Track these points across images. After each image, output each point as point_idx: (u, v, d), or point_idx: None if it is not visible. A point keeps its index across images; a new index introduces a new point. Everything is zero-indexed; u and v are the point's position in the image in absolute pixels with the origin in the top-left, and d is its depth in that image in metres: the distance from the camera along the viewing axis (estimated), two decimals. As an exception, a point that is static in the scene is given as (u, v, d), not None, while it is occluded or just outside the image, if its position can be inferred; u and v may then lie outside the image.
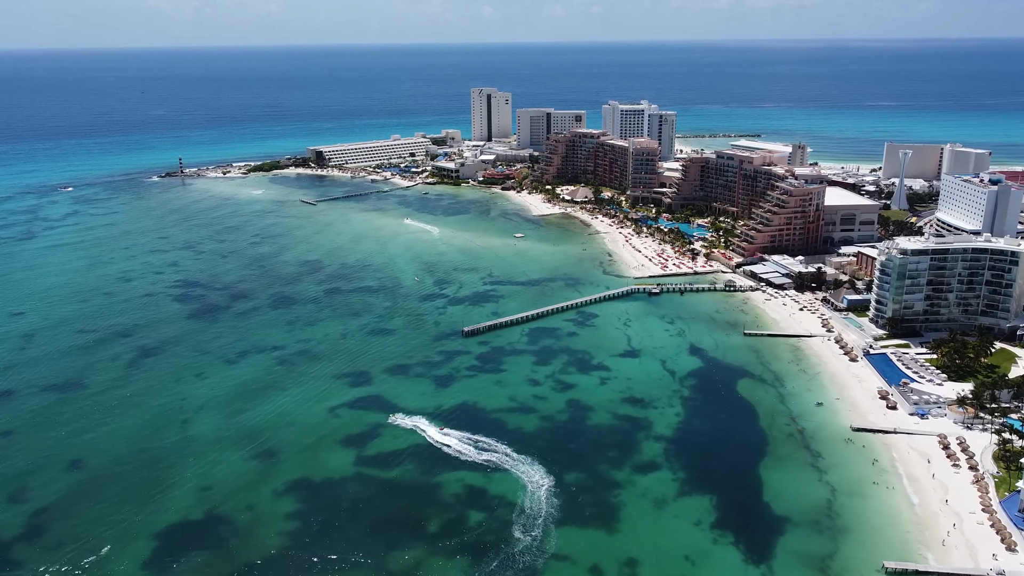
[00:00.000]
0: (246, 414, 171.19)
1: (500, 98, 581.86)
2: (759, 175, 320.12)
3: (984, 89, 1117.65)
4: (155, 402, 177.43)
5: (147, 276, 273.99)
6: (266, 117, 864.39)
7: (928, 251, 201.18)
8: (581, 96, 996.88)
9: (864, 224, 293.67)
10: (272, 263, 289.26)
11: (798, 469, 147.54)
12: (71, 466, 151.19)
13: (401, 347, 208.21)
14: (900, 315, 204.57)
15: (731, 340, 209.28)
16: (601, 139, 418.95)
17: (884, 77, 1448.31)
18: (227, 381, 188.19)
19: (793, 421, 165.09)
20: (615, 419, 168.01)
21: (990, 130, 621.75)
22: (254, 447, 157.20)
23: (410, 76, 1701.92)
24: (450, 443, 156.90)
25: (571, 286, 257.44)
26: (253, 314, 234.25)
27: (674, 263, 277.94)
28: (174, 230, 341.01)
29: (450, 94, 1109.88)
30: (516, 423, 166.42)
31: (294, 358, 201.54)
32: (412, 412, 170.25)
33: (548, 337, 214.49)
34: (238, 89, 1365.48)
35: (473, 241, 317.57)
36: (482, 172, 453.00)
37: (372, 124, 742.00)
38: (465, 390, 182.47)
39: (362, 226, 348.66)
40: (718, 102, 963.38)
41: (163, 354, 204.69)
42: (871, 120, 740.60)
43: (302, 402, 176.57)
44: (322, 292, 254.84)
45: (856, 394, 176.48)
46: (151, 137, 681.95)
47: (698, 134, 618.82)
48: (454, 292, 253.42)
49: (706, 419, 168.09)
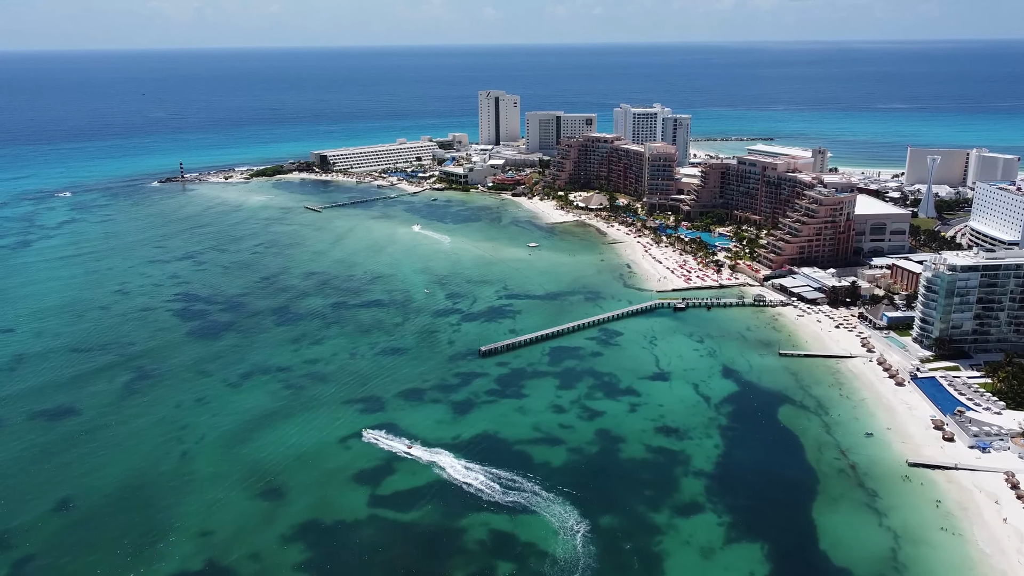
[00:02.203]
0: (250, 445, 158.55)
1: (508, 101, 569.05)
2: (783, 182, 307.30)
3: (996, 91, 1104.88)
4: (152, 431, 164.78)
5: (145, 289, 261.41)
6: (268, 120, 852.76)
7: (979, 267, 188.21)
8: (587, 98, 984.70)
9: (895, 234, 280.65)
10: (276, 275, 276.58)
11: (854, 511, 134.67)
12: (59, 507, 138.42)
13: (415, 368, 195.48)
14: (948, 335, 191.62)
15: (766, 361, 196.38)
16: (615, 144, 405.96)
17: (894, 79, 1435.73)
18: (230, 407, 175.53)
19: (843, 455, 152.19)
20: (649, 452, 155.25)
21: (1007, 133, 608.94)
22: (259, 484, 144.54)
23: (413, 78, 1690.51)
24: (471, 480, 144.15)
25: (591, 300, 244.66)
26: (257, 331, 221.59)
27: (698, 275, 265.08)
28: (174, 239, 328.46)
29: (454, 96, 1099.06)
30: (542, 456, 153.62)
31: (301, 381, 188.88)
32: (430, 444, 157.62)
33: (570, 357, 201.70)
34: (240, 91, 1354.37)
35: (486, 251, 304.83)
36: (491, 177, 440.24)
37: (376, 127, 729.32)
38: (485, 418, 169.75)
39: (369, 235, 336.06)
40: (726, 104, 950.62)
41: (162, 376, 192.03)
42: (885, 123, 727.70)
43: (310, 431, 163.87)
44: (329, 306, 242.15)
45: (908, 423, 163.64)
46: (151, 140, 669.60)
47: (710, 137, 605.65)
48: (468, 307, 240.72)
49: (748, 452, 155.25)
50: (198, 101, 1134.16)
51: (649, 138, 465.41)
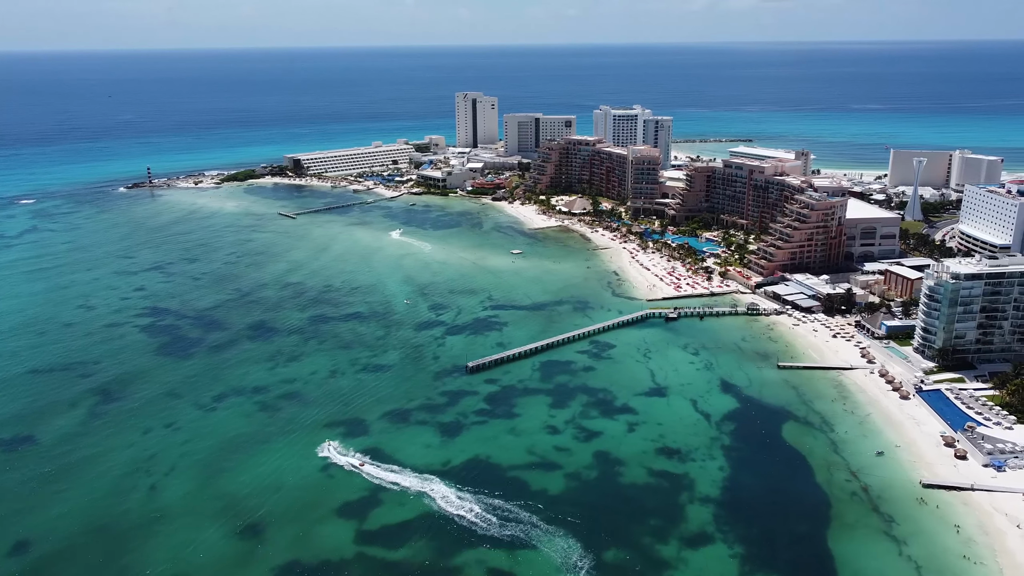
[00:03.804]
0: (225, 476, 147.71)
1: (486, 103, 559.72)
2: (771, 186, 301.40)
3: (969, 92, 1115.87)
4: (118, 461, 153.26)
5: (111, 302, 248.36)
6: (239, 122, 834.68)
7: (982, 275, 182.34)
8: (564, 100, 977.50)
9: (885, 238, 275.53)
10: (250, 286, 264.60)
11: (872, 539, 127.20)
12: (15, 551, 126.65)
13: (399, 387, 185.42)
14: (951, 345, 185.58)
15: (765, 374, 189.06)
16: (597, 146, 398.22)
17: (868, 80, 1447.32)
18: (202, 432, 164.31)
19: (854, 476, 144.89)
20: (652, 476, 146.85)
21: (984, 134, 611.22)
22: (235, 520, 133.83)
23: (387, 79, 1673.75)
24: (465, 512, 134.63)
25: (579, 310, 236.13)
26: (230, 348, 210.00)
27: (688, 283, 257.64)
28: (142, 249, 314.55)
29: (429, 97, 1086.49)
30: (539, 483, 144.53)
31: (278, 402, 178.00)
32: (419, 470, 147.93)
33: (562, 372, 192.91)
34: (210, 92, 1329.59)
35: (468, 259, 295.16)
36: (471, 181, 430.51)
37: (350, 129, 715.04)
38: (476, 441, 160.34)
39: (347, 242, 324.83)
40: (704, 105, 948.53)
41: (128, 399, 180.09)
42: (863, 124, 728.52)
43: (290, 459, 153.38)
44: (306, 320, 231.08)
45: (917, 440, 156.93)
46: (118, 144, 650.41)
47: (689, 139, 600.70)
48: (452, 319, 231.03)
49: (755, 474, 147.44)
50: (167, 103, 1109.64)
51: (630, 140, 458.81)
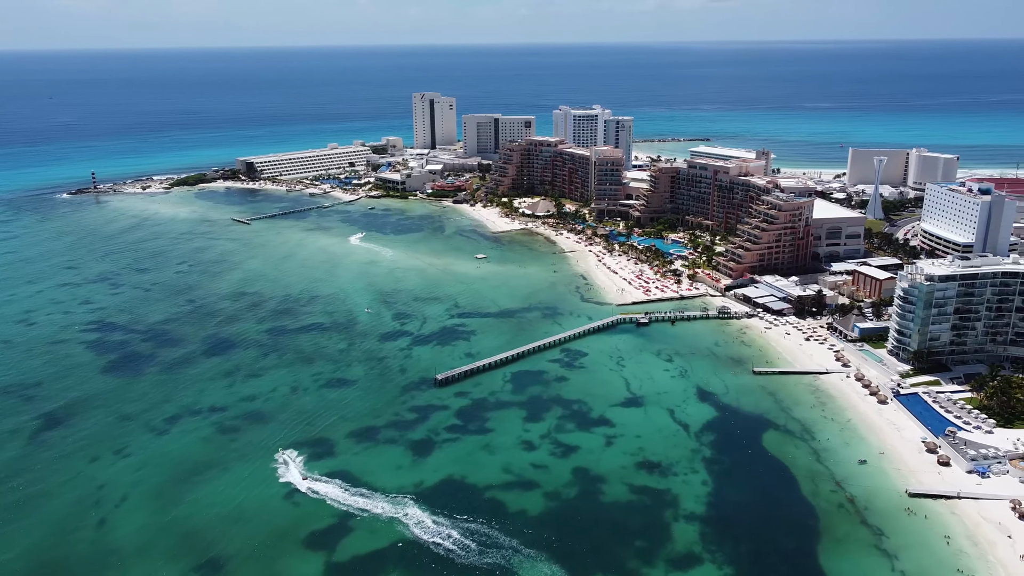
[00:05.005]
0: (181, 506, 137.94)
1: (444, 103, 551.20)
2: (736, 186, 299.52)
3: (918, 90, 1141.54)
4: (64, 493, 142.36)
5: (54, 317, 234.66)
6: (189, 124, 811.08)
7: (956, 276, 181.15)
8: (522, 100, 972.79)
9: (850, 238, 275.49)
10: (204, 297, 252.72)
11: (863, 554, 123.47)
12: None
13: (365, 402, 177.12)
14: (926, 348, 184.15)
15: (741, 381, 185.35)
16: (559, 147, 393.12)
17: (817, 78, 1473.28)
18: (155, 459, 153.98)
19: (839, 486, 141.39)
20: (633, 493, 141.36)
21: (935, 132, 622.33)
22: (193, 555, 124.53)
23: (340, 79, 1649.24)
24: (441, 539, 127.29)
25: (549, 317, 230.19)
26: (184, 365, 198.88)
27: (657, 286, 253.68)
28: (87, 258, 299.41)
29: (385, 97, 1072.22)
30: (517, 504, 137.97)
31: (237, 423, 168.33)
32: (389, 492, 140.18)
33: (534, 383, 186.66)
34: (157, 93, 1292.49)
35: (431, 264, 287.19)
36: (430, 184, 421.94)
37: (305, 131, 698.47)
38: (448, 459, 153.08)
39: (304, 248, 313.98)
40: (658, 105, 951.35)
41: (74, 423, 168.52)
42: (817, 122, 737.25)
43: (251, 485, 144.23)
44: (265, 333, 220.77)
45: (899, 447, 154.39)
46: (59, 148, 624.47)
47: (647, 139, 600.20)
48: (418, 328, 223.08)
49: (739, 488, 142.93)
50: (112, 104, 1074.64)
51: (591, 141, 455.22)
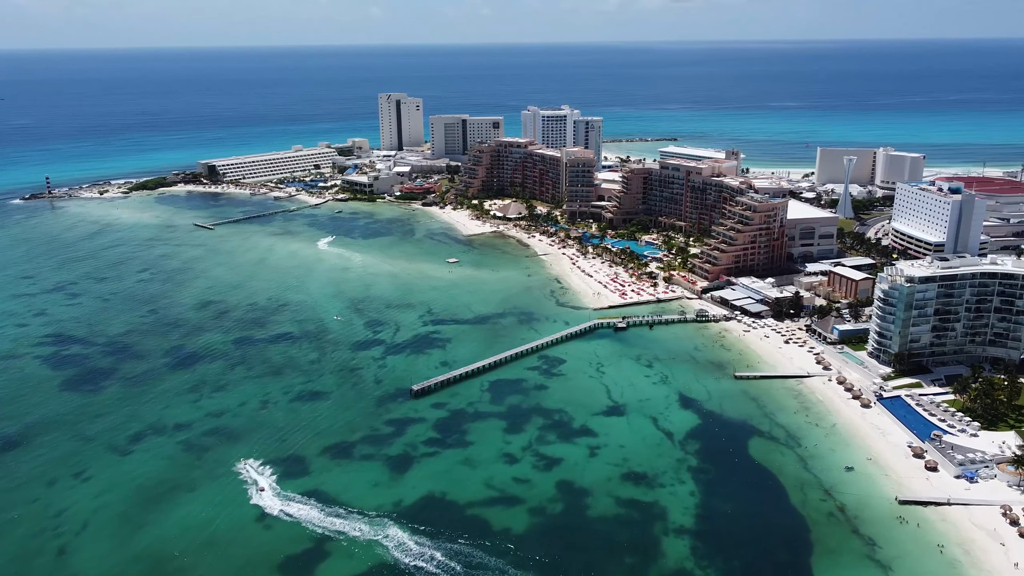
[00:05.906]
0: (145, 531, 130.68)
1: (410, 104, 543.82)
2: (709, 187, 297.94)
3: (880, 89, 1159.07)
4: (20, 521, 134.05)
5: (7, 331, 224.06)
6: (148, 126, 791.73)
7: (936, 278, 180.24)
8: (489, 100, 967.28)
9: (824, 238, 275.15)
10: (166, 307, 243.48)
11: (857, 566, 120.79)
12: None
13: (339, 416, 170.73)
14: (907, 349, 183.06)
15: (723, 386, 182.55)
16: (530, 149, 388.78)
17: (779, 78, 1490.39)
18: (118, 481, 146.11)
19: (828, 495, 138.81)
20: (620, 506, 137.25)
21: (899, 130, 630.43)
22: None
23: (303, 79, 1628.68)
24: (423, 562, 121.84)
25: (525, 323, 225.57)
26: (147, 379, 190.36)
27: (632, 289, 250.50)
28: (43, 268, 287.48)
29: (349, 98, 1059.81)
30: (501, 521, 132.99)
31: (204, 440, 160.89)
32: (367, 512, 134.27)
33: (514, 392, 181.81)
34: (115, 94, 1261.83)
35: (402, 269, 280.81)
36: (399, 186, 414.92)
37: (268, 132, 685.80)
38: (428, 475, 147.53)
39: (270, 254, 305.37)
40: (624, 105, 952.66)
41: (29, 445, 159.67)
42: (783, 122, 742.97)
43: (220, 507, 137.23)
44: (231, 344, 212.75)
45: (885, 452, 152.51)
46: (12, 151, 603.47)
47: (616, 139, 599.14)
48: (391, 336, 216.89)
49: (727, 498, 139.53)
50: (68, 106, 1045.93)
51: (560, 141, 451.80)
